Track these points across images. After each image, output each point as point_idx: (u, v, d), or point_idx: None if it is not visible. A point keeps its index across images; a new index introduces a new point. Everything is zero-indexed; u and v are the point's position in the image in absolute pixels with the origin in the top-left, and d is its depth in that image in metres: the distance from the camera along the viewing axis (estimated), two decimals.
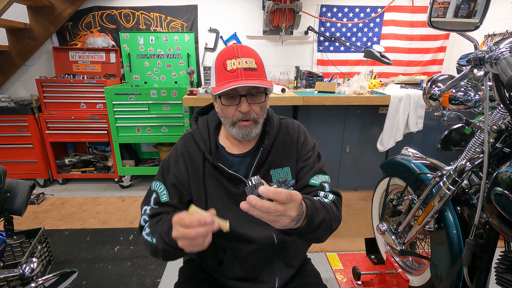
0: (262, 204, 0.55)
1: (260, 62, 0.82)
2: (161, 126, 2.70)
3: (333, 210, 0.79)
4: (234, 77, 0.77)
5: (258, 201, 0.55)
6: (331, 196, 0.85)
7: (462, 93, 1.16)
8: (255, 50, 0.84)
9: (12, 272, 1.06)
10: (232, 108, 0.81)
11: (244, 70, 0.77)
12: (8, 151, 2.76)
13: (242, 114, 0.81)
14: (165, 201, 0.87)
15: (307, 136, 0.96)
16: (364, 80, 2.53)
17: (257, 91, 0.81)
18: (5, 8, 2.36)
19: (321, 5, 3.04)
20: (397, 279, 1.50)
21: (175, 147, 0.93)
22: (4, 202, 1.16)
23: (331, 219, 0.76)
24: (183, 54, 3.00)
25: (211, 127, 0.92)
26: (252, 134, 0.85)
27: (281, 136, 0.92)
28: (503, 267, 0.86)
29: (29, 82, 3.02)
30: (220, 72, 0.80)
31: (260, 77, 0.80)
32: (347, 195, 2.73)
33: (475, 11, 0.88)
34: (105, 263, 1.83)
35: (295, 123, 0.97)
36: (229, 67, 0.78)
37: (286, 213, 0.59)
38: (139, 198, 2.69)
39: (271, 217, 0.58)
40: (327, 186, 0.87)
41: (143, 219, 0.87)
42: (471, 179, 1.10)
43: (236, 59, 0.78)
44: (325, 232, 0.76)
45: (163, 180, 0.89)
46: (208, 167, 0.88)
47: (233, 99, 0.81)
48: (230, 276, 0.91)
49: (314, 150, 0.94)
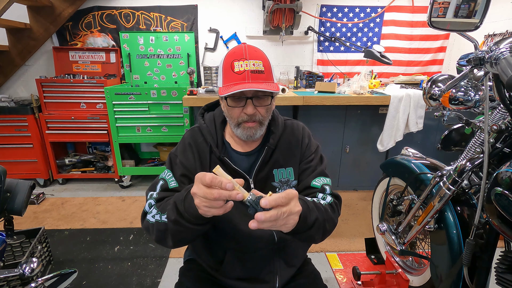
0: (270, 215, 0.58)
1: (268, 64, 0.82)
2: (161, 126, 2.71)
3: (327, 212, 0.80)
4: (241, 79, 0.77)
5: (264, 214, 0.57)
6: (329, 198, 0.85)
7: (462, 93, 1.16)
8: (262, 51, 0.83)
9: (12, 272, 1.07)
10: (237, 110, 0.82)
11: (251, 73, 0.77)
12: (8, 151, 2.76)
13: (248, 116, 0.81)
14: (173, 187, 0.85)
15: (311, 138, 0.97)
16: (364, 80, 2.53)
17: (264, 94, 0.81)
18: (5, 8, 2.36)
19: (321, 5, 3.04)
20: (397, 279, 1.49)
21: (183, 139, 0.93)
22: (4, 202, 1.16)
23: (324, 219, 0.77)
24: (183, 54, 3.00)
25: (217, 123, 0.92)
26: (257, 136, 0.85)
27: (286, 136, 0.93)
28: (503, 267, 0.86)
29: (29, 82, 3.02)
30: (228, 73, 0.80)
31: (267, 80, 0.80)
32: (347, 195, 2.74)
33: (475, 11, 0.88)
34: (105, 263, 1.83)
35: (300, 125, 0.98)
36: (236, 68, 0.78)
37: (292, 211, 0.61)
38: (139, 198, 2.69)
39: (280, 222, 0.60)
40: (327, 188, 0.87)
41: (148, 203, 0.82)
42: (471, 179, 1.10)
43: (244, 61, 0.78)
44: (319, 232, 0.76)
45: (172, 169, 0.88)
46: (214, 160, 0.89)
47: (239, 100, 0.81)
48: (230, 275, 0.92)
49: (317, 152, 0.94)
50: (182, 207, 0.70)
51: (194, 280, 0.95)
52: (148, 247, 1.99)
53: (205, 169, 0.87)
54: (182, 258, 1.10)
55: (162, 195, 0.83)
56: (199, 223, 0.71)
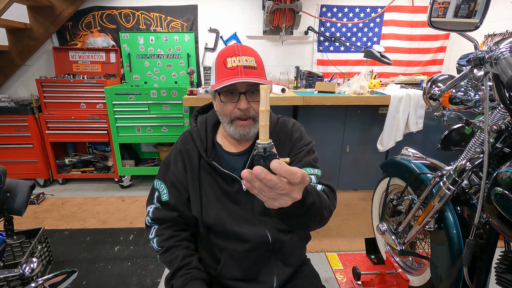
0: (270, 178, 0.45)
1: (260, 62, 0.83)
2: (161, 126, 2.70)
3: (324, 198, 0.75)
4: (234, 74, 0.78)
5: (266, 174, 0.44)
6: (319, 187, 0.83)
7: (462, 93, 1.16)
8: (255, 50, 0.85)
9: (12, 272, 1.06)
10: (231, 105, 0.82)
11: (244, 68, 0.78)
12: (8, 151, 2.76)
13: (241, 111, 0.81)
14: (165, 200, 0.93)
15: (302, 133, 0.95)
16: (364, 80, 2.53)
17: (256, 89, 0.81)
18: (5, 8, 2.36)
19: (321, 5, 3.04)
20: (397, 279, 1.49)
21: (175, 145, 0.97)
22: (4, 202, 1.16)
23: (322, 206, 0.71)
24: (183, 54, 3.00)
25: (209, 125, 0.94)
26: (251, 134, 0.85)
27: (276, 133, 0.93)
28: (503, 267, 0.86)
29: (29, 82, 3.02)
30: (220, 70, 0.80)
31: (260, 76, 0.81)
32: (347, 195, 2.73)
33: (475, 11, 0.88)
34: (105, 263, 1.83)
35: (291, 121, 0.98)
36: (229, 64, 0.79)
37: (291, 194, 0.49)
38: (139, 198, 2.69)
39: (272, 194, 0.48)
40: (313, 178, 0.84)
41: (147, 219, 0.96)
42: (471, 179, 1.10)
43: (236, 57, 0.79)
44: (315, 218, 0.69)
45: (164, 179, 0.95)
46: (204, 165, 0.90)
47: (232, 96, 0.81)
48: (228, 276, 0.91)
49: (308, 146, 0.93)
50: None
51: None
52: (148, 247, 1.99)
53: (194, 175, 0.90)
54: None
55: (156, 215, 0.93)
56: None
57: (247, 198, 0.89)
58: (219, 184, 0.89)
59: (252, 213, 0.90)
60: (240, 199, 0.89)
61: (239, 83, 0.78)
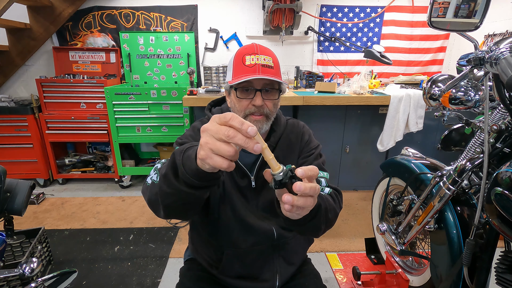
0: (310, 186, 0.47)
1: (277, 62, 0.87)
2: (161, 126, 2.71)
3: (328, 201, 0.77)
4: (252, 71, 0.80)
5: (303, 184, 0.46)
6: (327, 189, 0.85)
7: (462, 93, 1.16)
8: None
9: (12, 272, 1.06)
10: (246, 101, 0.84)
11: (262, 66, 0.81)
12: (8, 151, 2.76)
13: (256, 108, 0.83)
14: None
15: (311, 137, 0.98)
16: (364, 80, 2.53)
17: (272, 87, 0.84)
18: (5, 8, 2.36)
19: (321, 5, 3.04)
20: (397, 279, 1.49)
21: (192, 126, 0.94)
22: (4, 202, 1.16)
23: (326, 208, 0.72)
24: (183, 54, 3.00)
25: None
26: (263, 130, 0.87)
27: (286, 134, 0.95)
28: (503, 267, 0.86)
29: (29, 82, 3.02)
30: (239, 66, 0.83)
31: (276, 75, 0.84)
32: (347, 195, 2.73)
33: (475, 11, 0.88)
34: (105, 263, 1.83)
35: (300, 124, 1.00)
36: (247, 62, 0.81)
37: (318, 190, 0.51)
38: (139, 198, 2.69)
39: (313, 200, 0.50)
40: (323, 181, 0.87)
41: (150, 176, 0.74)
42: (471, 179, 1.10)
43: (255, 56, 0.82)
44: (322, 221, 0.70)
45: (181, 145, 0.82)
46: None
47: (248, 92, 0.83)
48: (230, 274, 0.92)
49: (316, 149, 0.95)
50: (180, 158, 0.56)
51: (194, 280, 0.95)
52: (148, 247, 1.99)
53: None
54: (183, 258, 1.10)
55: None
56: (190, 185, 0.55)
57: (254, 194, 0.90)
58: (232, 175, 0.89)
59: (257, 209, 0.91)
60: (248, 194, 0.90)
61: (256, 80, 0.81)
